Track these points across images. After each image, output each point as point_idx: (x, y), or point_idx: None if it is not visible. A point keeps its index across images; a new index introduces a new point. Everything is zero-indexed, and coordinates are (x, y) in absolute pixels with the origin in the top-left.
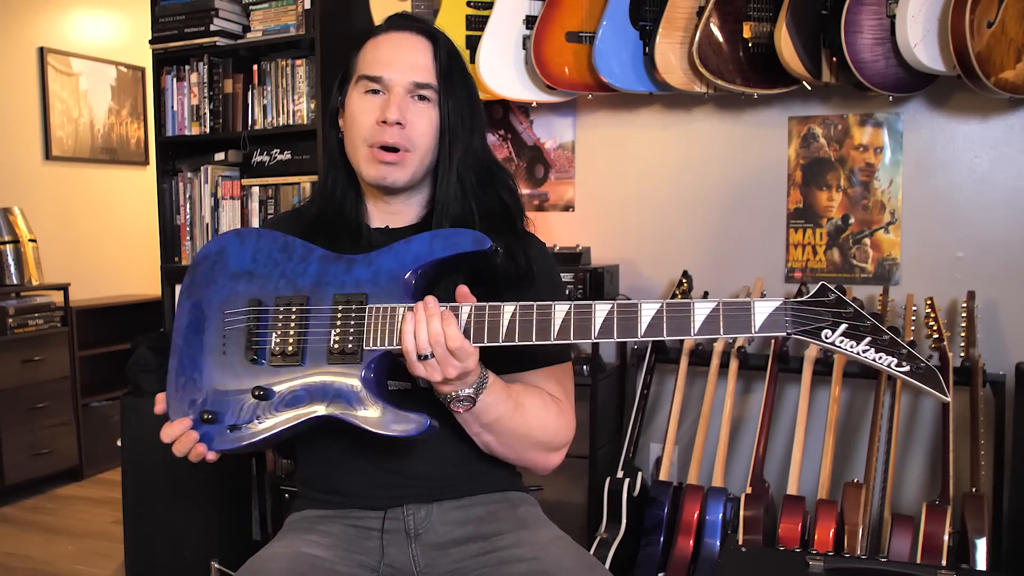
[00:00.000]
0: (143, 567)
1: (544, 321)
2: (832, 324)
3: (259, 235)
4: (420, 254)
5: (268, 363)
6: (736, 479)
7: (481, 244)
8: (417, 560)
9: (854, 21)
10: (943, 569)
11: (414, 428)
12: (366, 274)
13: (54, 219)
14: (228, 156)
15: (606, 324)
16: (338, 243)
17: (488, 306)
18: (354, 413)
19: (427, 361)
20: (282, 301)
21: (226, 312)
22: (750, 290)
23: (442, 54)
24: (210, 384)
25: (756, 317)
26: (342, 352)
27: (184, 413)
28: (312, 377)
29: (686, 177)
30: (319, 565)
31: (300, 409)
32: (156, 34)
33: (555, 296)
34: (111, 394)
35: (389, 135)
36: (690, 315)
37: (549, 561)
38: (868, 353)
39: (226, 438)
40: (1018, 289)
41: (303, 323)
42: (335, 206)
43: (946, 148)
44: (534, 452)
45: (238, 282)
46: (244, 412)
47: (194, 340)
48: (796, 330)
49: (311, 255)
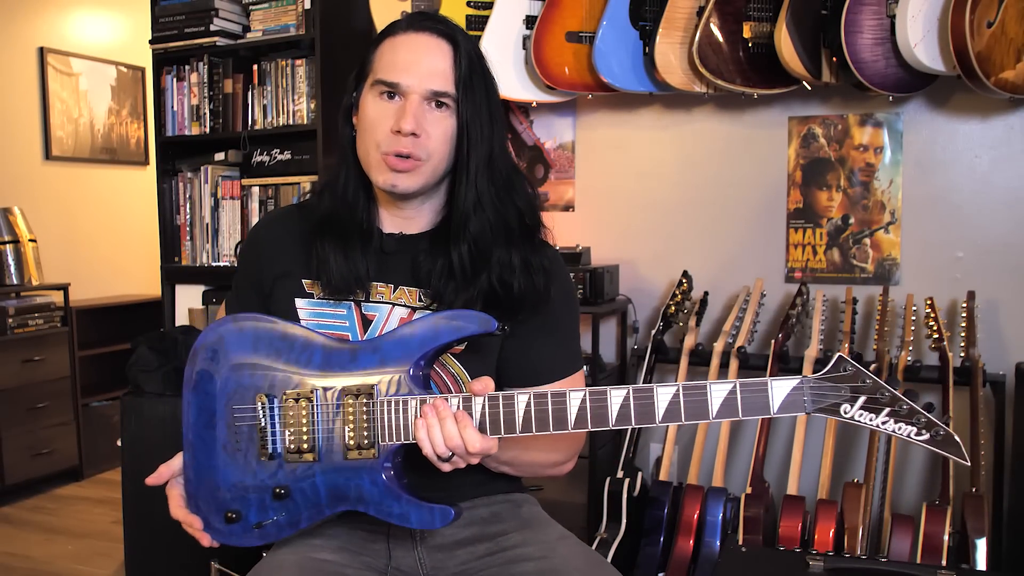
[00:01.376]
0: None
1: (560, 410)
2: (851, 399)
3: (256, 321)
4: (425, 340)
5: (284, 459)
6: (736, 479)
7: (487, 327)
8: (423, 562)
9: (854, 21)
10: (943, 569)
11: (439, 521)
12: (372, 362)
13: (54, 219)
14: (228, 156)
15: (623, 411)
16: (349, 244)
17: (502, 396)
18: (378, 510)
19: (451, 460)
20: (290, 396)
21: (234, 408)
22: (750, 290)
23: (462, 59)
24: (228, 482)
25: (774, 399)
26: (358, 447)
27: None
28: (331, 473)
29: (686, 177)
30: (329, 570)
31: (323, 505)
32: (156, 34)
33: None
34: (111, 394)
35: (403, 145)
36: (707, 398)
37: (558, 560)
38: (887, 425)
39: (252, 536)
40: (1018, 289)
41: (313, 418)
42: (347, 206)
43: (946, 148)
44: (548, 470)
45: (242, 375)
46: (268, 511)
47: (206, 435)
48: (815, 408)
49: (313, 343)
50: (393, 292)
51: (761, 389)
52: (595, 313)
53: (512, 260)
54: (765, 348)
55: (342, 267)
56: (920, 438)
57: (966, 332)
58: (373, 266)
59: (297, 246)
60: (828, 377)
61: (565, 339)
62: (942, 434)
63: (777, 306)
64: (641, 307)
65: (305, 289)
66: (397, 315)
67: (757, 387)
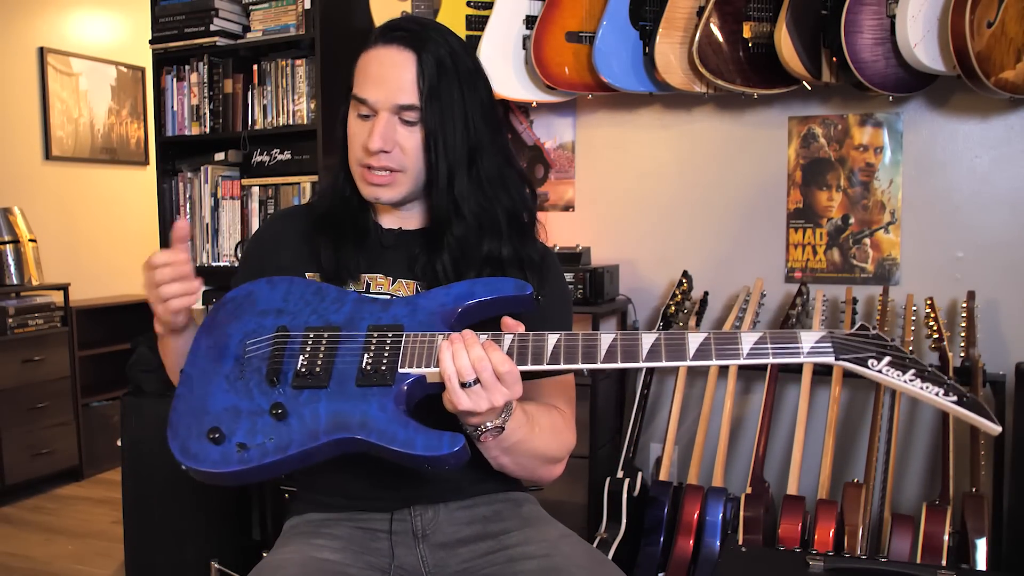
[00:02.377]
0: (143, 567)
1: (590, 345)
2: (877, 355)
3: (291, 281)
4: (461, 295)
5: (290, 385)
6: (736, 479)
7: (522, 290)
8: (426, 561)
9: (854, 21)
10: (943, 569)
11: (446, 446)
12: (403, 311)
13: (54, 219)
14: (228, 156)
15: (654, 348)
16: (342, 238)
17: (532, 334)
18: (380, 437)
19: (471, 389)
20: (312, 329)
21: (248, 343)
22: (750, 290)
23: (428, 67)
24: (220, 406)
25: (804, 344)
26: (374, 372)
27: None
28: (337, 400)
29: (686, 177)
30: (332, 569)
31: (320, 431)
32: (156, 34)
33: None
34: (111, 394)
35: (376, 160)
36: (738, 342)
37: (560, 558)
38: (915, 383)
39: (231, 459)
40: (1018, 289)
41: (332, 348)
42: (343, 203)
43: (946, 148)
44: (543, 468)
45: (266, 318)
46: (256, 432)
47: (208, 368)
48: (843, 356)
49: (346, 297)
50: (392, 284)
51: (791, 338)
52: (595, 313)
53: (502, 253)
54: None
55: (331, 259)
56: (948, 399)
57: (966, 332)
58: (371, 259)
59: (301, 242)
60: (854, 334)
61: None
62: (969, 398)
63: (777, 306)
64: (641, 307)
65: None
66: None
67: (786, 336)
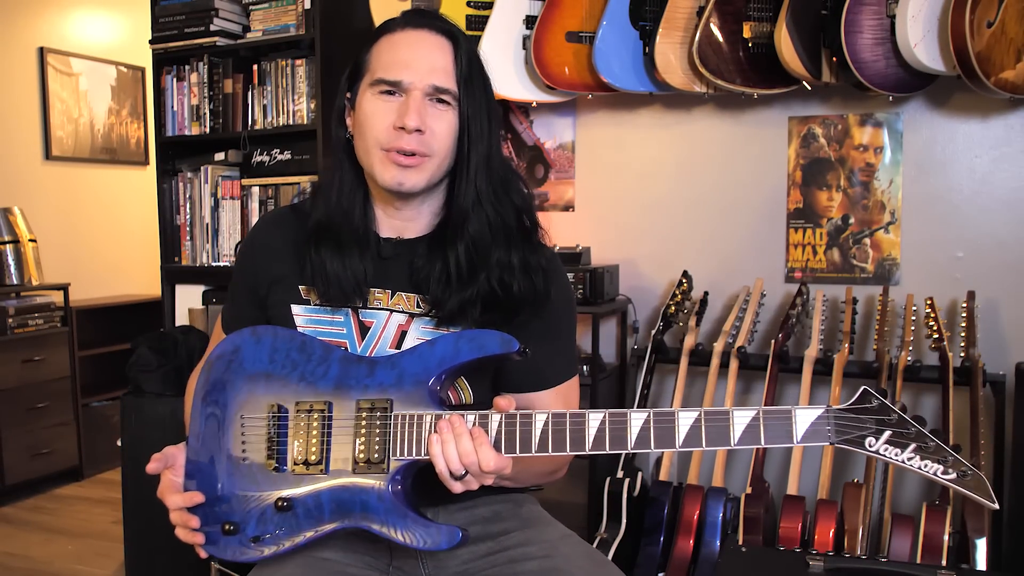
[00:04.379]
0: (143, 567)
1: (578, 431)
2: (876, 432)
3: (275, 333)
4: (445, 357)
5: (290, 471)
6: (736, 479)
7: (509, 347)
8: (425, 562)
9: (854, 21)
10: (943, 569)
11: (444, 542)
12: (390, 378)
13: (54, 219)
14: (228, 156)
15: (642, 434)
16: (346, 251)
17: (519, 414)
18: (382, 526)
19: (464, 479)
20: (303, 407)
21: (244, 417)
22: (750, 290)
23: (463, 56)
24: (229, 493)
25: (797, 428)
26: (368, 462)
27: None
28: (337, 487)
29: (686, 177)
30: (331, 568)
31: (324, 520)
32: (156, 34)
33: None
34: (111, 394)
35: (407, 141)
36: (729, 425)
37: (560, 558)
38: (913, 461)
39: (249, 550)
40: (1018, 289)
41: (326, 430)
42: (342, 211)
43: (946, 148)
44: (545, 479)
45: (256, 385)
46: (267, 523)
47: (212, 445)
48: (839, 439)
49: (331, 356)
50: (391, 298)
51: (785, 417)
52: (595, 313)
53: (511, 260)
54: (765, 348)
55: (340, 275)
56: (947, 477)
57: (966, 332)
58: (371, 272)
59: (292, 250)
60: (853, 408)
61: (564, 344)
62: (969, 474)
63: (777, 306)
64: (641, 307)
65: (301, 295)
66: (395, 322)
67: (781, 415)
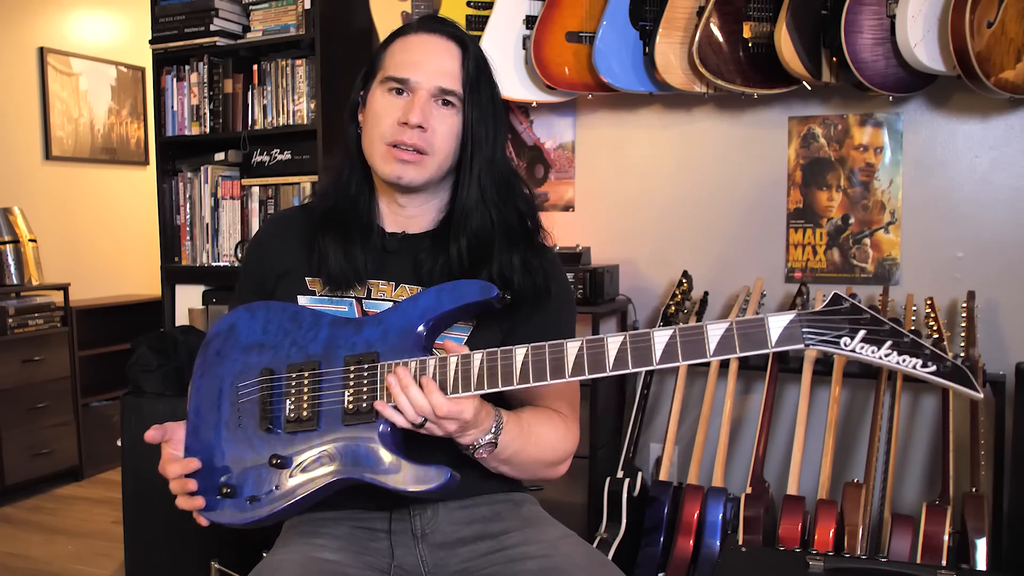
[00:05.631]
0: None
1: (557, 359)
2: (850, 332)
3: (268, 307)
4: (428, 308)
5: (284, 431)
6: (736, 479)
7: (487, 293)
8: (425, 560)
9: (854, 21)
10: (943, 569)
11: (436, 483)
12: (375, 333)
13: (54, 219)
14: (228, 156)
15: (620, 355)
16: (349, 240)
17: (500, 350)
18: (374, 474)
19: (424, 426)
20: (294, 368)
21: (239, 386)
22: (750, 290)
23: (470, 62)
24: (226, 458)
25: (771, 333)
26: (357, 412)
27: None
28: (329, 441)
29: (686, 177)
30: (331, 570)
31: (319, 473)
32: (156, 34)
33: (568, 313)
34: (111, 394)
35: (409, 136)
36: (704, 337)
37: (560, 558)
38: (891, 357)
39: (246, 511)
40: (1018, 289)
41: (316, 387)
42: (349, 201)
43: (946, 148)
44: (545, 471)
45: (249, 355)
46: (263, 483)
47: (208, 416)
48: (815, 340)
49: (320, 321)
50: (394, 290)
51: (758, 325)
52: (595, 313)
53: (512, 260)
54: None
55: (341, 261)
56: (926, 370)
57: (966, 332)
58: (375, 264)
59: (300, 245)
60: (825, 311)
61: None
62: (949, 366)
63: (777, 306)
64: (641, 307)
65: (308, 286)
66: None
67: (754, 324)
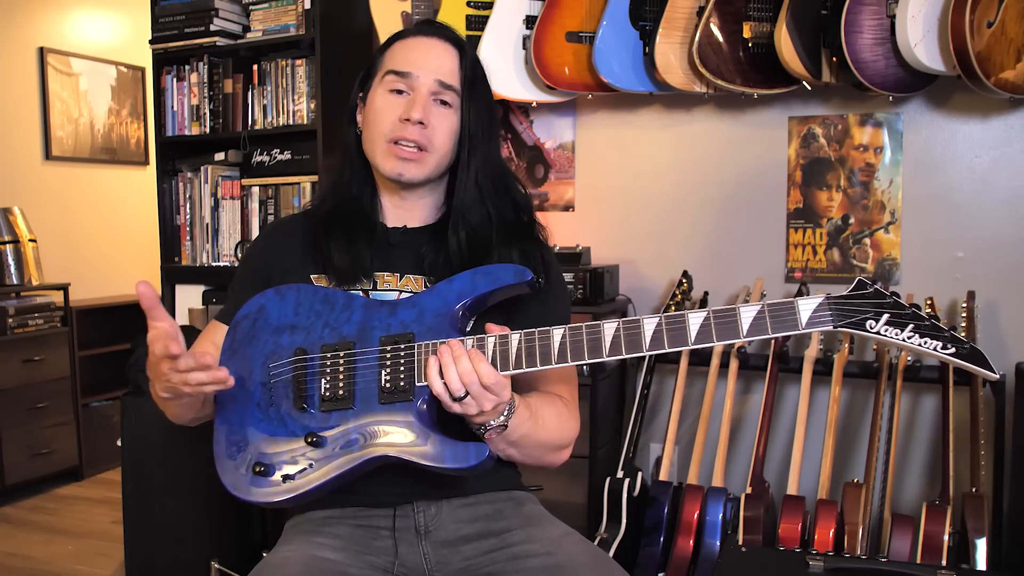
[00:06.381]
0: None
1: (595, 339)
2: (875, 315)
3: (299, 290)
4: (464, 290)
5: (319, 410)
6: (736, 479)
7: (522, 276)
8: (428, 558)
9: (854, 21)
10: (943, 569)
11: (474, 458)
12: (411, 315)
13: (54, 219)
14: (228, 156)
15: (656, 336)
16: (355, 237)
17: (538, 331)
18: (410, 451)
19: (463, 401)
20: (328, 348)
21: (270, 366)
22: (750, 290)
23: (468, 63)
24: (259, 437)
25: (801, 315)
26: (394, 391)
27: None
28: (365, 419)
29: (686, 177)
30: (332, 569)
31: (355, 452)
32: (156, 34)
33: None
34: (111, 394)
35: (410, 132)
36: (737, 319)
37: (562, 556)
38: (913, 339)
39: (280, 489)
40: (1018, 289)
41: (351, 367)
42: (351, 200)
43: (946, 148)
44: (550, 455)
45: (281, 336)
46: (298, 461)
47: (240, 395)
48: (842, 322)
49: (354, 303)
50: (399, 281)
51: (789, 308)
52: (595, 313)
53: (511, 254)
54: (765, 349)
55: (346, 257)
56: (947, 352)
57: (966, 332)
58: (378, 257)
59: (303, 246)
60: (851, 295)
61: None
62: (967, 348)
63: None
64: (641, 307)
65: (313, 283)
66: None
67: (785, 307)
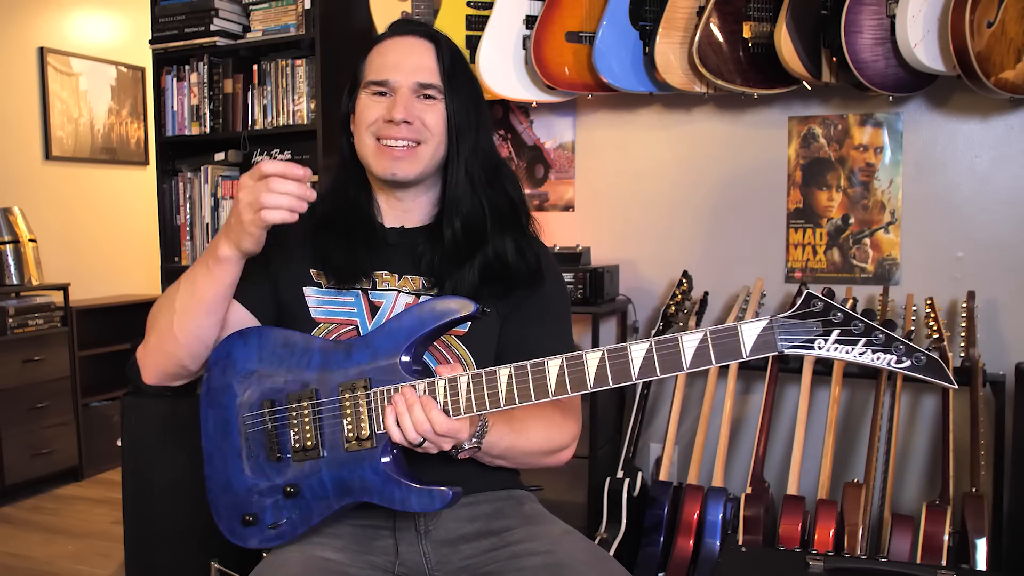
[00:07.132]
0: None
1: (539, 378)
2: (824, 333)
3: (260, 333)
4: (412, 329)
5: (292, 458)
6: (736, 479)
7: (468, 310)
8: (428, 557)
9: (854, 21)
10: (943, 569)
11: (439, 503)
12: (365, 357)
13: (54, 219)
14: (228, 156)
15: (600, 373)
16: (353, 237)
17: (484, 372)
18: (381, 496)
19: (423, 444)
20: (293, 398)
21: (245, 416)
22: (750, 290)
23: (444, 55)
24: (244, 488)
25: (745, 341)
26: (357, 438)
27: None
28: (335, 467)
29: (686, 177)
30: (332, 569)
31: (331, 499)
32: (156, 34)
33: (562, 302)
34: (111, 394)
35: (396, 132)
36: (679, 350)
37: (562, 554)
38: (865, 356)
39: (271, 535)
40: (1018, 289)
41: (317, 417)
42: (348, 204)
43: (946, 148)
44: (544, 459)
45: (250, 384)
46: (280, 510)
47: (223, 445)
48: (789, 346)
49: (311, 346)
50: (398, 280)
51: (731, 334)
52: (595, 313)
53: (506, 243)
54: None
55: (345, 260)
56: (901, 366)
57: (966, 332)
58: (377, 257)
59: (304, 240)
60: (799, 314)
61: (558, 324)
62: (923, 359)
63: (777, 306)
64: (641, 307)
65: (313, 278)
66: (403, 301)
67: (727, 333)
